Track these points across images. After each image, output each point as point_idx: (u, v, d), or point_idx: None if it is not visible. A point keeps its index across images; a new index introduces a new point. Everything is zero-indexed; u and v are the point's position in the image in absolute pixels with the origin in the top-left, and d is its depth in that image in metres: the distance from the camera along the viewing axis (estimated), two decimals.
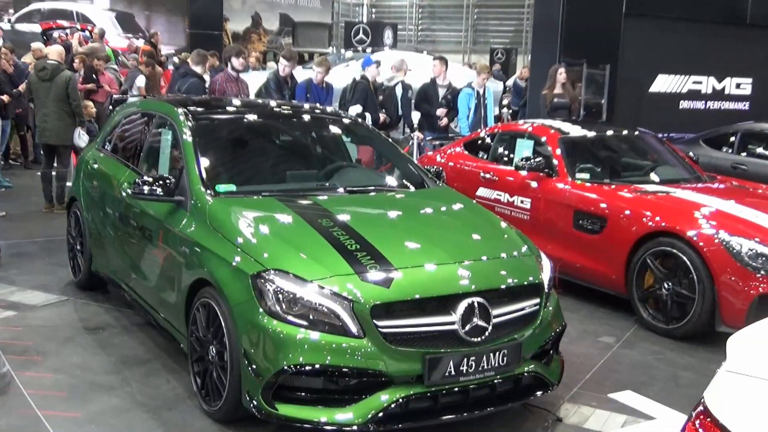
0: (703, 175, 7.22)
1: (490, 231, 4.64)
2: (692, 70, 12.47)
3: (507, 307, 4.02)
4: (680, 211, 6.00)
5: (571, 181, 6.69)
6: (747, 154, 9.32)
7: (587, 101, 11.33)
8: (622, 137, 7.82)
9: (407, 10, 31.54)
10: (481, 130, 8.67)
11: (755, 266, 5.42)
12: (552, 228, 6.66)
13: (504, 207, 7.09)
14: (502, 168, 7.40)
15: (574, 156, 7.03)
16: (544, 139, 7.16)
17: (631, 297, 6.07)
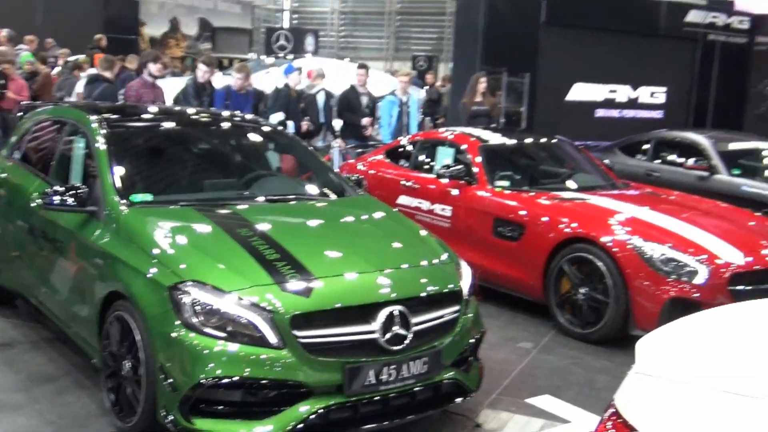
0: (619, 182, 7.45)
1: (411, 239, 4.68)
2: (608, 78, 12.85)
3: (427, 315, 4.08)
4: (595, 217, 6.19)
5: (490, 188, 6.82)
6: (660, 161, 9.65)
7: (507, 109, 11.55)
8: (540, 145, 8.01)
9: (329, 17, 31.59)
10: (403, 138, 8.76)
11: (667, 271, 5.63)
12: (472, 235, 6.77)
13: (425, 215, 7.17)
14: (423, 176, 7.49)
15: (493, 164, 7.16)
16: (465, 147, 7.28)
17: (549, 303, 6.22)
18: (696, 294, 5.57)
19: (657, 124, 12.49)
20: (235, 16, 27.21)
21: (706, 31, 13.69)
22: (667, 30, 13.21)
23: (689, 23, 13.49)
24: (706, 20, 13.70)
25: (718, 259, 5.73)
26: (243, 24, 27.43)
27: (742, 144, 9.47)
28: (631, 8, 12.90)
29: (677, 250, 5.72)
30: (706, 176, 8.88)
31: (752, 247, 6.03)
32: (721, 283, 5.64)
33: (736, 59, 14.20)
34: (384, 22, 30.72)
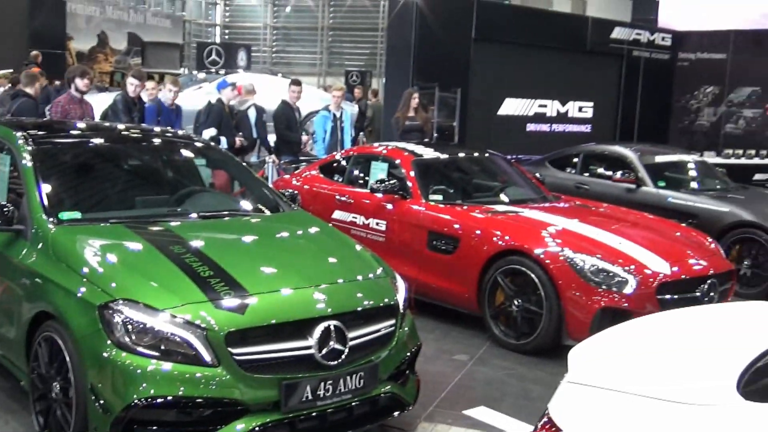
0: (549, 195, 7.59)
1: (346, 254, 4.69)
2: (538, 94, 13.11)
3: (363, 329, 4.08)
4: (528, 230, 6.29)
5: (424, 202, 6.88)
6: (589, 174, 9.86)
7: (440, 124, 11.68)
8: (473, 159, 8.12)
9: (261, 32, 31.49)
10: (337, 153, 8.77)
11: (597, 281, 5.76)
12: (407, 249, 6.81)
13: (360, 229, 7.19)
14: (358, 191, 7.51)
15: (427, 178, 7.23)
16: (399, 162, 7.33)
17: (484, 315, 6.29)
18: (625, 303, 5.71)
19: (585, 138, 12.77)
20: (165, 30, 26.89)
21: (630, 47, 14.10)
22: (594, 46, 13.55)
23: (614, 40, 13.87)
24: (630, 37, 14.10)
25: (646, 270, 5.89)
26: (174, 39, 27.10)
27: (667, 157, 9.76)
28: (558, 25, 13.22)
29: (607, 261, 5.86)
30: (633, 188, 9.11)
31: (678, 257, 6.21)
32: (650, 292, 5.80)
33: (659, 75, 14.66)
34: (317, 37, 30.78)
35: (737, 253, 8.23)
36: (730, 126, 14.58)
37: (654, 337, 3.42)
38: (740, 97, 14.52)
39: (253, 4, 32.16)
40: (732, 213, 8.34)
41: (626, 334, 3.49)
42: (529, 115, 13.03)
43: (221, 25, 32.60)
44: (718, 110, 14.73)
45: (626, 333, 3.51)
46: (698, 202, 8.65)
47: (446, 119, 11.91)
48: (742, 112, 14.50)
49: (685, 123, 15.11)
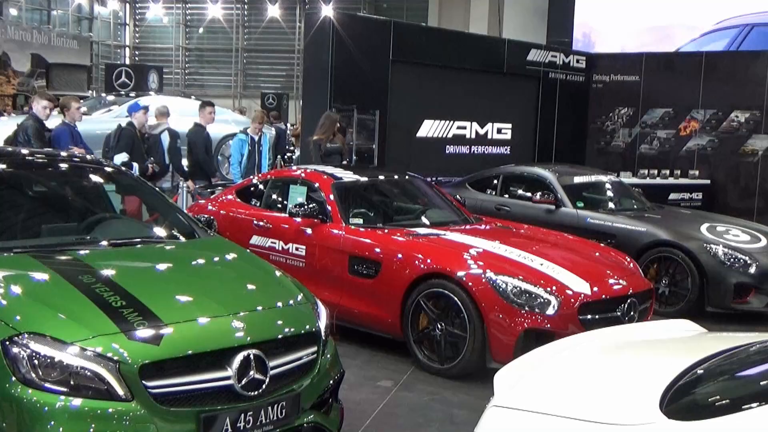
0: (471, 217, 7.70)
1: (265, 280, 4.65)
2: (457, 115, 13.27)
3: (284, 358, 4.04)
4: (449, 252, 6.36)
5: (345, 226, 6.88)
6: (509, 195, 10.04)
7: (359, 146, 11.72)
8: (393, 182, 8.18)
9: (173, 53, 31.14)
10: (254, 177, 8.70)
11: (520, 303, 5.85)
12: (328, 274, 6.79)
13: (279, 255, 7.13)
14: (276, 215, 7.46)
15: (347, 201, 7.24)
16: (318, 185, 7.32)
17: (407, 339, 6.30)
18: (548, 325, 5.81)
19: (505, 160, 12.98)
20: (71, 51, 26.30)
21: (546, 69, 14.45)
22: (511, 68, 13.83)
23: (531, 62, 14.19)
24: (546, 59, 14.46)
25: (567, 290, 6.01)
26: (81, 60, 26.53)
27: (584, 177, 10.00)
28: (476, 47, 13.44)
29: (529, 283, 5.95)
30: (552, 209, 9.31)
31: (599, 278, 6.37)
32: (572, 312, 5.92)
33: (575, 96, 15.05)
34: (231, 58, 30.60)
35: (655, 272, 8.48)
36: (644, 147, 15.04)
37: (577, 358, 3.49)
38: (653, 118, 15.00)
39: (165, 25, 31.81)
40: (649, 232, 8.60)
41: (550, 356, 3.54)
42: (448, 137, 13.18)
43: (131, 47, 32.10)
44: (633, 131, 15.18)
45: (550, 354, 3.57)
46: (616, 222, 8.89)
47: (365, 142, 11.96)
48: (656, 133, 14.98)
49: (601, 144, 15.51)
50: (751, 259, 8.13)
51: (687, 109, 14.59)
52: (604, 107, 15.40)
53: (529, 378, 3.18)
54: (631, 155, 15.19)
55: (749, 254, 8.18)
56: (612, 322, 5.87)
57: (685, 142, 14.66)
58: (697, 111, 14.48)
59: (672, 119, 14.81)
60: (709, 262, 8.15)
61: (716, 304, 8.17)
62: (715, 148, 14.28)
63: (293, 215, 7.08)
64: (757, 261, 8.13)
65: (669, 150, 14.84)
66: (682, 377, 3.01)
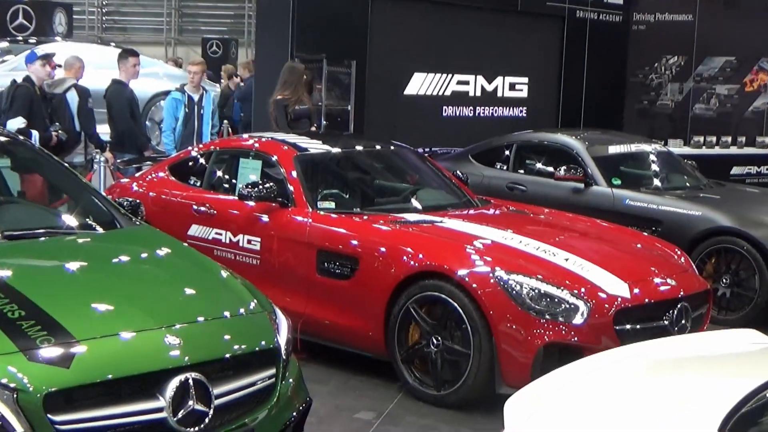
0: (475, 199, 7.71)
1: (208, 283, 4.67)
2: (457, 67, 13.24)
3: (233, 383, 4.06)
4: (448, 245, 6.37)
5: (312, 212, 6.87)
6: (525, 171, 10.05)
7: (330, 108, 11.69)
8: (374, 154, 8.18)
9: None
10: (193, 148, 8.66)
11: (539, 309, 5.87)
12: (290, 275, 6.79)
13: (226, 250, 7.12)
14: (222, 198, 7.44)
15: (315, 179, 7.24)
16: (276, 159, 7.30)
17: (393, 358, 6.31)
18: (575, 337, 5.84)
19: (519, 124, 12.98)
20: None
21: (573, 6, 14.43)
22: (528, 5, 13.80)
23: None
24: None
25: (600, 293, 6.03)
26: None
27: (622, 147, 10.03)
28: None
29: (550, 284, 5.97)
30: (581, 188, 9.33)
31: (640, 276, 6.40)
32: (606, 321, 5.94)
33: (610, 42, 15.02)
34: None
35: (713, 268, 8.53)
36: (699, 107, 15.13)
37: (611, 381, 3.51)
38: (711, 69, 15.07)
39: None
40: (705, 218, 8.64)
41: (577, 378, 3.56)
42: (446, 95, 13.16)
43: None
44: (685, 86, 15.25)
45: (577, 376, 3.59)
46: (663, 205, 8.92)
47: (338, 102, 11.93)
48: (715, 89, 15.06)
49: (643, 103, 15.58)
50: None
51: (755, 58, 14.66)
52: (647, 56, 15.44)
53: (549, 407, 3.20)
54: (682, 118, 15.26)
55: None
56: (658, 333, 5.89)
57: (752, 100, 14.74)
58: (767, 60, 14.55)
59: (735, 71, 14.89)
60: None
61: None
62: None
63: (244, 198, 7.06)
64: None
65: (731, 111, 14.93)
66: (747, 402, 3.03)
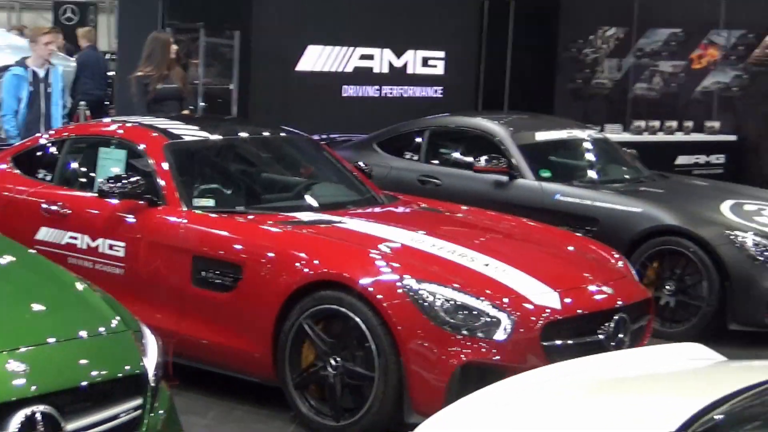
0: (380, 195, 7.73)
1: (60, 297, 4.62)
2: (359, 39, 13.27)
3: (91, 417, 4.01)
4: (348, 250, 6.40)
5: (186, 211, 6.83)
6: (439, 161, 10.12)
7: (208, 87, 11.64)
8: (261, 142, 8.16)
9: None
10: (42, 135, 8.53)
11: (455, 324, 5.90)
12: (161, 286, 6.74)
13: (83, 257, 7.04)
14: (78, 195, 7.36)
15: (190, 172, 7.21)
16: (143, 148, 7.25)
17: (284, 384, 6.30)
18: (497, 356, 5.89)
19: (434, 107, 13.02)
20: None
21: None
22: None
23: None
24: None
25: (526, 304, 6.11)
26: None
27: (552, 133, 10.15)
28: None
29: (468, 293, 6.02)
30: (504, 182, 9.42)
31: (572, 284, 6.50)
32: (532, 337, 6.01)
33: (539, 12, 15.20)
34: None
35: (656, 273, 8.69)
36: (641, 86, 15.38)
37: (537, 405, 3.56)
38: (654, 43, 15.33)
39: None
40: (647, 215, 8.80)
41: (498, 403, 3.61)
42: (347, 71, 13.18)
43: None
44: (624, 63, 15.49)
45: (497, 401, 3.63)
46: (599, 200, 9.07)
47: (218, 79, 11.88)
48: (658, 66, 15.32)
49: (577, 82, 15.76)
50: None
51: (703, 30, 14.93)
52: (581, 27, 15.64)
53: None
54: (621, 99, 15.51)
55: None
56: (592, 348, 5.98)
57: (700, 79, 15.03)
58: (717, 33, 14.85)
59: (681, 45, 15.16)
60: (734, 258, 8.39)
61: (743, 320, 8.44)
62: (744, 87, 14.69)
63: (105, 195, 6.98)
64: None
65: (677, 91, 15.22)
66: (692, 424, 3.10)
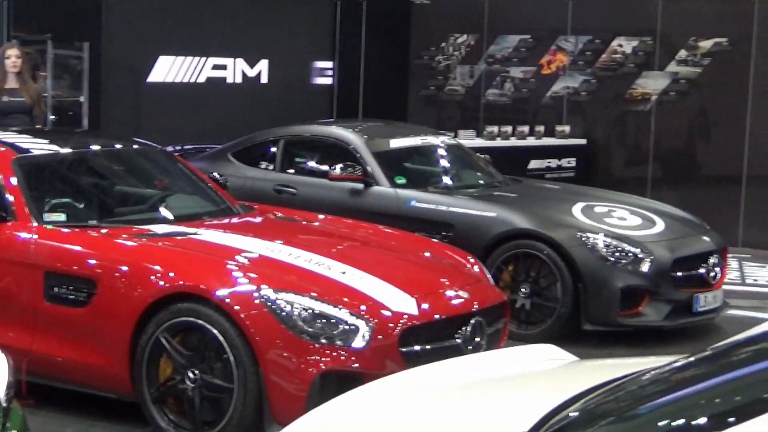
0: (236, 206, 7.70)
1: None
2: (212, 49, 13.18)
3: None
4: (204, 261, 6.37)
5: (37, 226, 6.70)
6: (295, 170, 10.10)
7: (58, 99, 11.44)
8: (114, 155, 8.09)
9: None
10: None
11: (313, 333, 5.92)
12: (11, 303, 6.62)
13: None
14: None
15: (40, 187, 7.10)
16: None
17: (142, 399, 6.22)
18: (356, 363, 5.93)
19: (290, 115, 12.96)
20: None
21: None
22: None
23: None
24: None
25: (384, 310, 6.16)
26: None
27: (406, 140, 10.20)
28: None
29: (326, 302, 6.04)
30: (360, 189, 9.45)
31: (429, 289, 6.57)
32: (390, 343, 6.06)
33: (390, 19, 15.29)
34: None
35: (511, 276, 8.83)
36: (493, 92, 15.53)
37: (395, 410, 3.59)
38: (505, 49, 15.47)
39: None
40: (500, 219, 8.93)
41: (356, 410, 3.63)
42: (200, 82, 13.09)
43: None
44: (476, 69, 15.64)
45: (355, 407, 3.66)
46: (454, 206, 9.16)
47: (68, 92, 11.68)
48: (509, 72, 15.49)
49: (430, 89, 15.87)
50: (644, 252, 8.63)
51: (552, 36, 15.16)
52: (433, 35, 15.76)
53: None
54: (474, 106, 15.66)
55: (641, 245, 8.69)
56: (450, 353, 6.01)
57: (550, 84, 15.24)
58: (565, 38, 15.10)
59: (531, 51, 15.37)
60: (586, 260, 8.58)
61: (596, 320, 8.63)
62: (593, 92, 14.97)
63: None
64: (652, 255, 8.64)
65: (528, 97, 15.42)
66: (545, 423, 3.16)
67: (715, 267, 8.96)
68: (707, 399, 3.12)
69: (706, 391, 3.18)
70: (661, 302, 8.70)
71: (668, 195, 12.91)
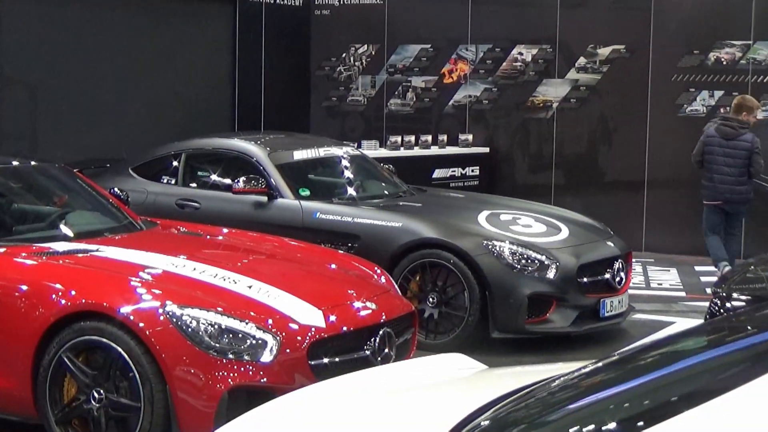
0: (138, 221, 7.64)
1: None
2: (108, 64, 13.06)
3: None
4: (107, 278, 6.32)
5: None
6: (197, 184, 10.04)
7: None
8: (11, 172, 7.96)
9: None
10: None
11: (220, 348, 5.87)
12: None
13: None
14: None
15: None
16: None
17: (46, 420, 6.13)
18: (264, 378, 5.92)
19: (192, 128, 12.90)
20: None
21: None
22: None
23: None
24: None
25: (291, 324, 6.15)
26: None
27: (310, 152, 10.20)
28: None
29: (233, 316, 6.01)
30: (264, 202, 9.42)
31: (336, 301, 6.60)
32: (299, 356, 6.06)
33: (291, 29, 15.31)
34: None
35: (418, 286, 8.87)
36: (395, 102, 15.62)
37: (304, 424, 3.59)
38: (406, 59, 15.56)
39: None
40: (406, 229, 8.97)
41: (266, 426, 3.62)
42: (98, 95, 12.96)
43: None
44: (377, 79, 15.70)
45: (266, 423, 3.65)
46: (359, 217, 9.18)
47: None
48: (411, 81, 15.59)
49: (332, 100, 15.91)
50: (550, 259, 8.74)
51: (452, 45, 15.30)
52: (333, 45, 15.82)
53: None
54: (377, 116, 15.73)
55: (546, 252, 8.80)
56: (359, 364, 6.06)
57: (452, 93, 15.37)
58: (466, 47, 15.23)
59: (432, 60, 15.48)
60: (493, 268, 8.63)
61: (505, 327, 8.69)
62: (494, 100, 15.13)
63: None
64: (558, 261, 8.75)
65: (430, 106, 15.52)
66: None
67: (620, 272, 9.10)
68: (616, 404, 3.16)
69: (615, 396, 3.22)
70: (568, 308, 8.79)
71: (572, 201, 13.14)
